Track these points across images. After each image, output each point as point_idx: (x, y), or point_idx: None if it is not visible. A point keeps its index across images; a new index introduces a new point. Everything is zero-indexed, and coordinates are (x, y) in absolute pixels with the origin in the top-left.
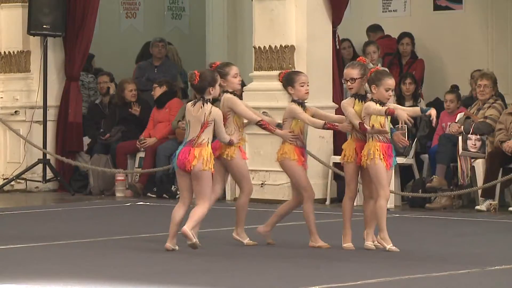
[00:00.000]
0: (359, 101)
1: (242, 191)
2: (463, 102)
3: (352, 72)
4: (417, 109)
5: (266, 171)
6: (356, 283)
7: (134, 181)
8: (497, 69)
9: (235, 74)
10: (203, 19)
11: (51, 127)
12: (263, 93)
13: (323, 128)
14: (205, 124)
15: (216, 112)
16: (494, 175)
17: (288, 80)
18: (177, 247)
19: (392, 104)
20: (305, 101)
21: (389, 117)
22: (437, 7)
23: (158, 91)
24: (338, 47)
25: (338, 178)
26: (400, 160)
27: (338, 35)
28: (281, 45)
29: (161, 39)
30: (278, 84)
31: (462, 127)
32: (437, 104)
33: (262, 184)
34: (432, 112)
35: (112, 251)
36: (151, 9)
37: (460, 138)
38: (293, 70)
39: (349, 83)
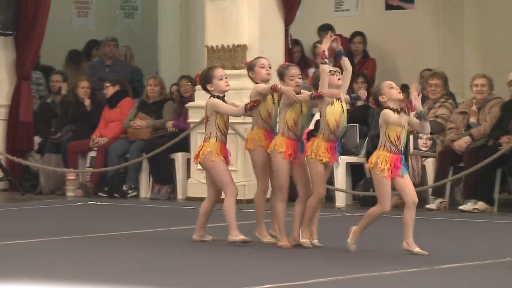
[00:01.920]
0: None
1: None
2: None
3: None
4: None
5: None
6: (307, 282)
7: (85, 181)
8: (448, 68)
9: (261, 65)
10: (156, 18)
11: (1, 126)
12: None
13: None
14: (206, 119)
15: (211, 102)
16: (445, 174)
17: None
18: (207, 238)
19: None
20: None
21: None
22: (389, 7)
23: (111, 90)
24: (290, 46)
25: None
26: (351, 159)
27: (290, 34)
28: (233, 44)
29: (113, 38)
30: (230, 83)
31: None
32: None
33: None
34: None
35: (63, 251)
36: (103, 8)
37: (411, 137)
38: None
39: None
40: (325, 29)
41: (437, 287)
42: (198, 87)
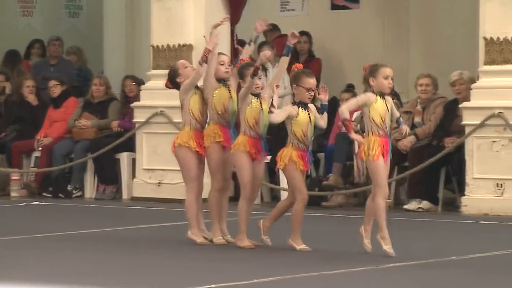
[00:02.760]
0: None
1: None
2: None
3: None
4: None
5: (163, 170)
6: (252, 281)
7: (29, 181)
8: (393, 68)
9: (221, 62)
10: (101, 17)
11: None
12: (161, 92)
13: None
14: (181, 107)
15: (179, 88)
16: (389, 173)
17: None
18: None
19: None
20: None
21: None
22: (334, 7)
23: (58, 89)
24: (236, 46)
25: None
26: None
27: (236, 35)
28: (179, 44)
29: (57, 38)
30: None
31: (358, 125)
32: (334, 103)
33: (159, 183)
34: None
35: (8, 251)
36: (48, 8)
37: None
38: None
39: (311, 93)
40: (270, 29)
41: (382, 286)
42: (143, 86)
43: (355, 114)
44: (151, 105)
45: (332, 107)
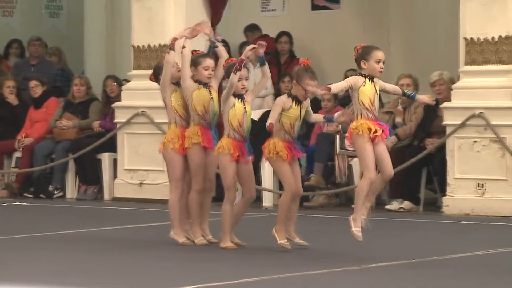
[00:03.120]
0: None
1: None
2: (340, 101)
3: None
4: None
5: (145, 170)
6: (234, 282)
7: (10, 181)
8: None
9: (206, 67)
10: (81, 17)
11: None
12: (142, 92)
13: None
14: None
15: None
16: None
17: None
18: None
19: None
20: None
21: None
22: (315, 7)
23: (39, 89)
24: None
25: None
26: None
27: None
28: (160, 44)
29: (38, 38)
30: (157, 84)
31: (340, 126)
32: (315, 103)
33: (140, 183)
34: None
35: None
36: (28, 8)
37: (337, 137)
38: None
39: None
40: (251, 29)
41: (364, 287)
42: (125, 86)
43: (336, 114)
44: (132, 106)
45: (313, 108)
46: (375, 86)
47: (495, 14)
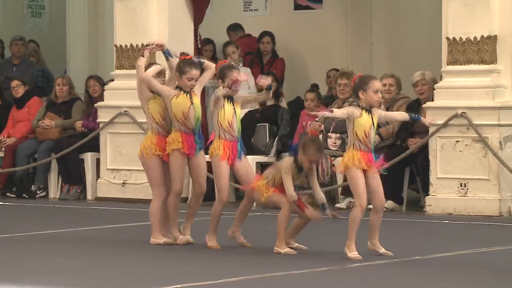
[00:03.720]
0: None
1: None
2: (323, 100)
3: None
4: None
5: (128, 170)
6: (217, 281)
7: None
8: (356, 68)
9: (189, 78)
10: (64, 17)
11: None
12: (125, 91)
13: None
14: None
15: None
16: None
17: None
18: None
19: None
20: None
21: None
22: (297, 7)
23: (21, 89)
24: (199, 46)
25: None
26: (261, 158)
27: (199, 34)
28: (142, 44)
29: (20, 37)
30: None
31: (322, 125)
32: (298, 103)
33: (123, 183)
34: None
35: None
36: (10, 7)
37: (320, 136)
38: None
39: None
40: (234, 28)
41: (348, 286)
42: (107, 86)
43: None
44: (115, 105)
45: (295, 107)
46: (372, 118)
47: (477, 14)
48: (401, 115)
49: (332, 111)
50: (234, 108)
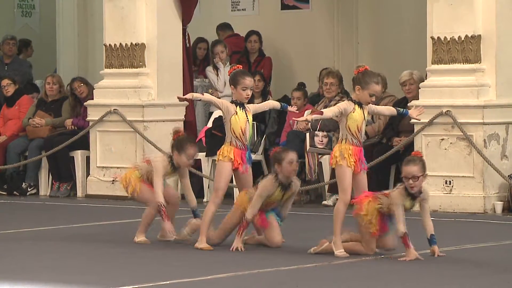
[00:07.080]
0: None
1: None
2: (310, 99)
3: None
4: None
5: (117, 167)
6: (207, 277)
7: None
8: (343, 67)
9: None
10: (54, 16)
11: None
12: (114, 90)
13: None
14: None
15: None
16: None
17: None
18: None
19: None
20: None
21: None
22: (284, 7)
23: (12, 88)
24: (188, 45)
25: None
26: None
27: (188, 34)
28: (131, 43)
29: (12, 37)
30: (129, 82)
31: (309, 124)
32: (285, 101)
33: (113, 180)
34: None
35: None
36: (0, 7)
37: (307, 134)
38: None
39: (410, 181)
40: (223, 28)
41: (334, 282)
42: (97, 85)
43: (306, 113)
44: (104, 104)
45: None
46: (363, 113)
47: (462, 14)
48: (389, 110)
49: (322, 113)
50: (247, 116)
